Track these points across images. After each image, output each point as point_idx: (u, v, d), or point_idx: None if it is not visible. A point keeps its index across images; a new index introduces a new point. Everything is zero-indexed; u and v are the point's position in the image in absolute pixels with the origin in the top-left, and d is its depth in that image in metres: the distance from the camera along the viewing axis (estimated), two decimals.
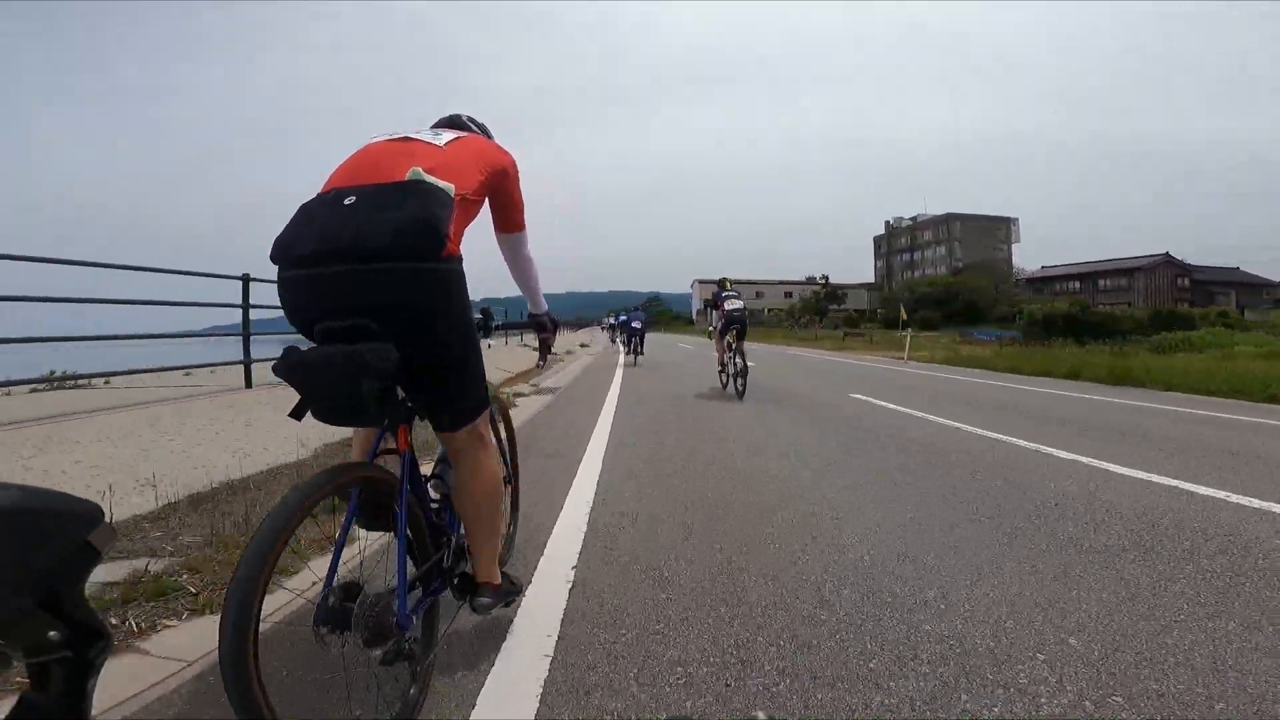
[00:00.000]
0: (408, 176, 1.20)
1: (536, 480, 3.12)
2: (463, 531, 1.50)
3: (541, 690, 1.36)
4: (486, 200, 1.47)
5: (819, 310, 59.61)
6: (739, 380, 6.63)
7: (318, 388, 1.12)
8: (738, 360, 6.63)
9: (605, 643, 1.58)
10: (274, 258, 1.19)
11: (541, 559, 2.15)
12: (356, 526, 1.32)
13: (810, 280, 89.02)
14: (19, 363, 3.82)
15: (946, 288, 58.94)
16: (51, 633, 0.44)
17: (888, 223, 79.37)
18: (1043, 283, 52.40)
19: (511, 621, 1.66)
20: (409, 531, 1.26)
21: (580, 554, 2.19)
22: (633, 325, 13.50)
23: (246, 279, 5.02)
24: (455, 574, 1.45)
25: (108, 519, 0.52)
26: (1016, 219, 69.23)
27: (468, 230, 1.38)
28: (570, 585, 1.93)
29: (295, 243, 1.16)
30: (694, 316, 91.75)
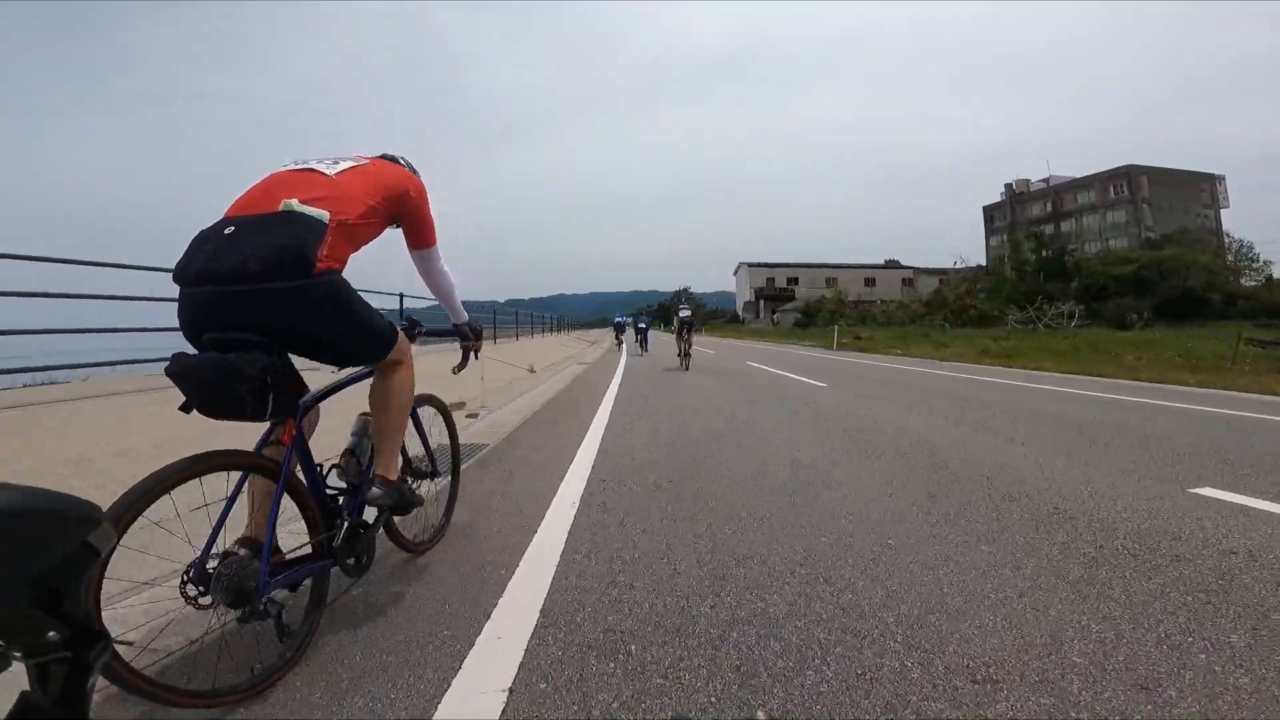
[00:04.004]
0: (280, 208, 1.40)
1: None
2: (359, 517, 1.70)
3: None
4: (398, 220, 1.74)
5: (1037, 296, 33.47)
6: (686, 359, 11.52)
7: (196, 389, 1.32)
8: (687, 348, 11.55)
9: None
10: (174, 278, 1.39)
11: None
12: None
13: (892, 263, 67.68)
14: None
15: (1148, 268, 37.61)
16: (51, 633, 0.44)
17: (1009, 185, 58.58)
18: None
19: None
20: (302, 511, 1.55)
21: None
22: (639, 325, 18.90)
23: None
24: (347, 557, 1.62)
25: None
26: (1223, 176, 48.00)
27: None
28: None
29: (189, 266, 1.36)
30: (739, 310, 70.99)
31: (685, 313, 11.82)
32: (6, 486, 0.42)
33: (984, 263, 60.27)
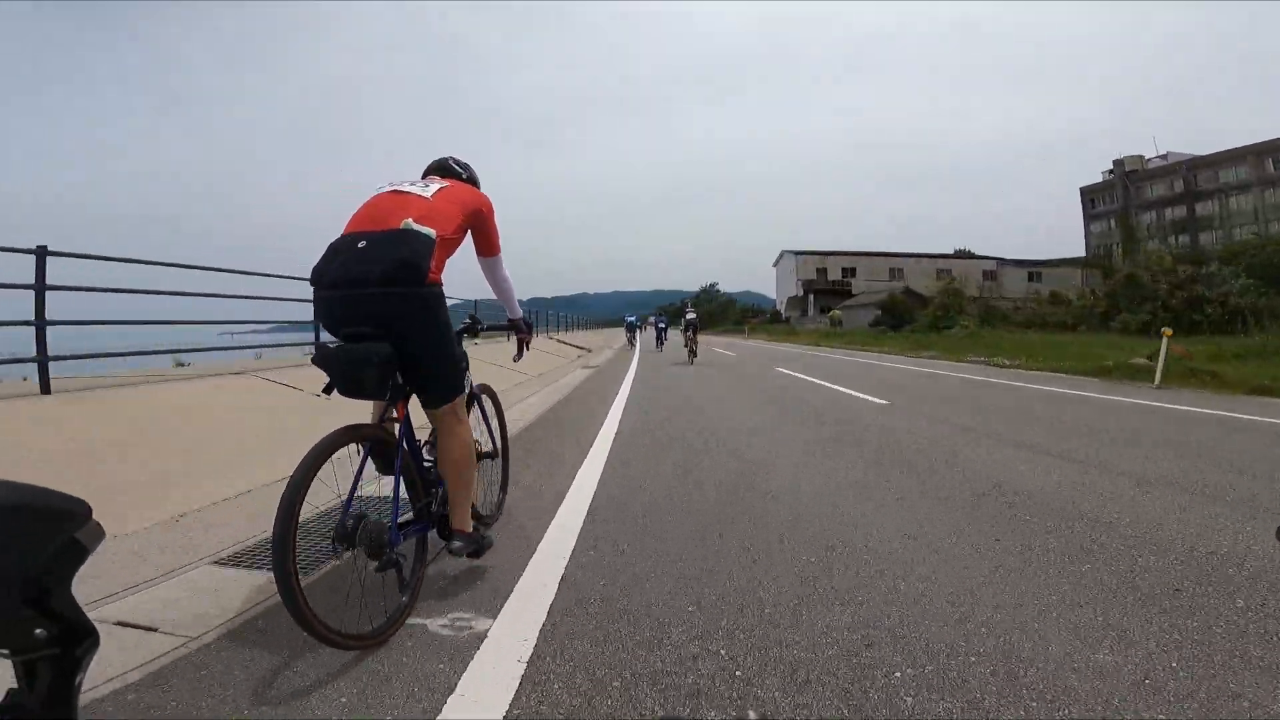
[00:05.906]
0: (401, 226, 1.70)
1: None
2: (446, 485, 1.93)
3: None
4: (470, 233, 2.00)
5: None
6: (693, 355, 13.74)
7: (337, 373, 1.64)
8: (693, 345, 13.95)
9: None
10: (311, 282, 1.71)
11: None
12: (378, 473, 1.80)
13: (963, 253, 57.89)
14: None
15: None
16: (38, 630, 0.43)
17: (1119, 162, 48.44)
18: None
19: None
20: (405, 478, 1.75)
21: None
22: (659, 325, 20.96)
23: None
24: (439, 517, 1.89)
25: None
26: None
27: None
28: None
29: (326, 272, 1.69)
30: (780, 307, 61.77)
31: (691, 315, 14.79)
32: None
33: (1084, 253, 50.29)
